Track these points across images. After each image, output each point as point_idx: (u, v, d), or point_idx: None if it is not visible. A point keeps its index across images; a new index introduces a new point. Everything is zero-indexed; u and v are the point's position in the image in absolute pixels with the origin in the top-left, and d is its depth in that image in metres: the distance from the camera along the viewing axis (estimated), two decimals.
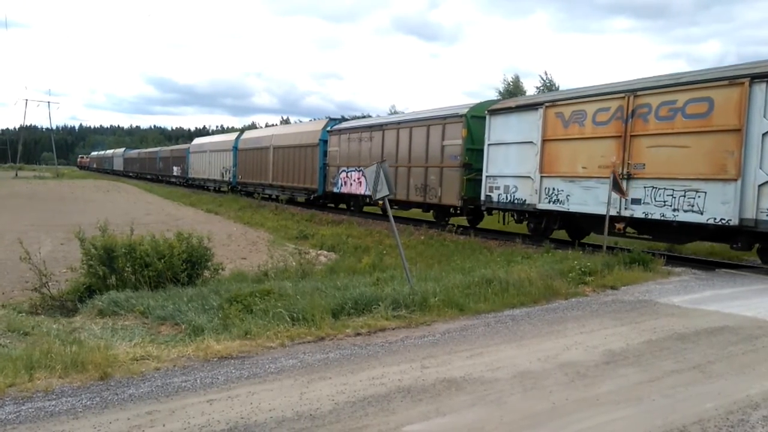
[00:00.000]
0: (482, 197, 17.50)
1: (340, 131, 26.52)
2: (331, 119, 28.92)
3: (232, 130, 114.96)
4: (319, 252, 18.24)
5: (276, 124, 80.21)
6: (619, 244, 13.90)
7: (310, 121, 39.84)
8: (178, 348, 5.96)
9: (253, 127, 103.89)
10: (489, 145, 17.23)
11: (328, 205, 29.15)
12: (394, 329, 6.84)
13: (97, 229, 11.78)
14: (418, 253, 16.47)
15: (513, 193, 16.34)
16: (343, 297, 7.80)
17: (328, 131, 27.57)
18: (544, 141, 15.30)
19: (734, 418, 4.36)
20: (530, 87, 49.16)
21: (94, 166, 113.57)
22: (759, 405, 4.62)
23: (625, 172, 13.17)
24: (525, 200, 15.95)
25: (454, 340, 6.41)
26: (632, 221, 13.40)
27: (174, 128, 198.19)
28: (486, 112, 17.45)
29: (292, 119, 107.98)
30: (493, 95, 48.54)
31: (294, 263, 13.38)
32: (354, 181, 24.86)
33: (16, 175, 78.00)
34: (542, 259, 12.32)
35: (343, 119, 29.22)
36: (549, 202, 15.21)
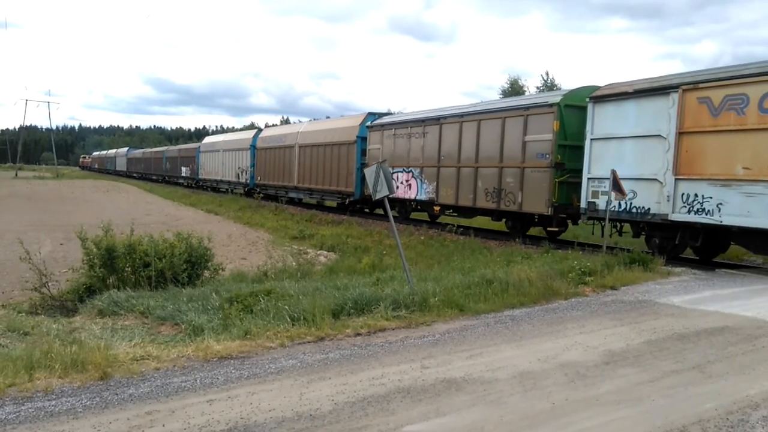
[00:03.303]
0: (583, 204, 14.25)
1: (383, 126, 23.10)
2: (370, 113, 25.60)
3: (232, 130, 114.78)
4: (318, 252, 18.26)
5: (276, 124, 79.73)
6: (619, 244, 13.77)
7: (304, 120, 38.56)
8: (178, 348, 5.97)
9: (252, 127, 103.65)
10: (592, 139, 14.09)
11: (365, 210, 26.17)
12: (394, 329, 6.84)
13: (99, 228, 11.78)
14: (418, 254, 16.47)
15: (630, 199, 13.17)
16: (343, 297, 7.81)
17: (367, 127, 24.24)
18: (679, 134, 12.12)
19: (734, 418, 4.36)
20: (529, 87, 49.09)
21: (96, 166, 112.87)
22: (759, 405, 4.62)
23: None
24: (649, 209, 12.72)
25: (454, 341, 6.42)
26: None
27: (174, 128, 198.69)
28: (588, 99, 14.28)
29: (291, 119, 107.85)
30: (493, 96, 48.46)
31: (294, 263, 13.39)
32: (401, 183, 21.39)
33: (16, 175, 78.01)
34: (542, 259, 12.33)
35: (384, 114, 26.10)
36: (688, 212, 11.94)
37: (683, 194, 12.09)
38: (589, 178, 14.19)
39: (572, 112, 15.20)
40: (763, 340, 6.56)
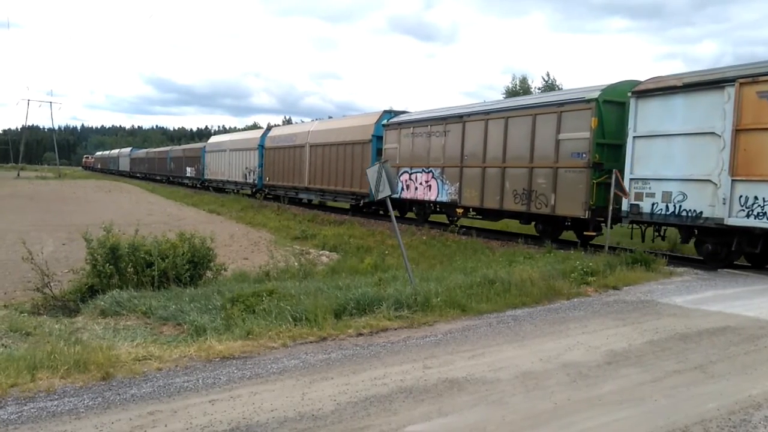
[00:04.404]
0: (624, 207, 13.32)
1: (401, 125, 22.09)
2: (386, 111, 24.75)
3: (234, 130, 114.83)
4: (321, 252, 18.28)
5: (279, 124, 79.32)
6: (621, 244, 13.67)
7: (306, 120, 37.86)
8: (181, 348, 5.97)
9: (255, 127, 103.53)
10: (635, 137, 13.12)
11: (380, 212, 24.93)
12: (396, 329, 6.84)
13: (101, 229, 11.78)
14: (420, 254, 16.48)
15: (678, 202, 12.20)
16: (345, 297, 7.81)
17: (383, 125, 23.22)
18: (736, 131, 11.18)
19: (736, 419, 4.35)
20: (532, 88, 49.00)
21: (99, 166, 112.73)
22: (761, 405, 4.62)
23: None
24: (701, 212, 11.79)
25: (456, 341, 6.42)
26: None
27: (176, 128, 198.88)
28: (630, 94, 13.31)
29: (294, 119, 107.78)
30: (494, 96, 48.27)
31: (296, 263, 13.39)
32: (420, 184, 20.70)
33: (18, 175, 78.12)
34: (544, 259, 12.33)
35: (401, 112, 25.01)
36: (747, 216, 11.06)
37: (741, 197, 11.19)
38: (631, 179, 13.26)
39: (611, 108, 14.34)
40: (765, 340, 6.55)
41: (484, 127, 17.82)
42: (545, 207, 15.58)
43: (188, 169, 52.99)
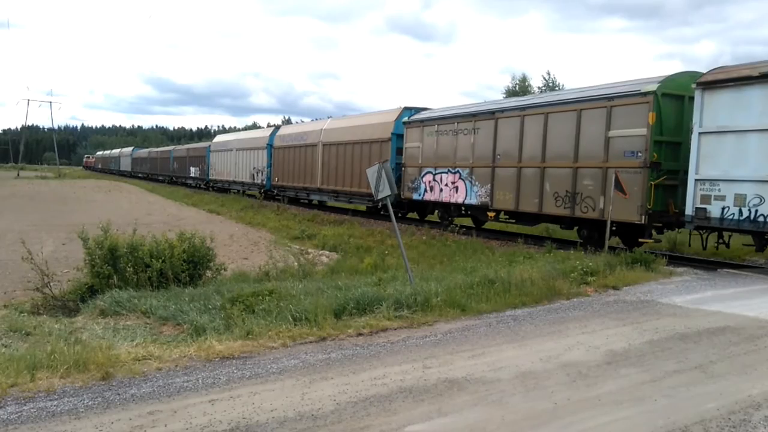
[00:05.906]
0: (688, 211, 11.99)
1: (424, 122, 20.63)
2: (406, 108, 23.16)
3: (233, 129, 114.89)
4: (320, 252, 18.26)
5: (279, 124, 79.07)
6: (621, 244, 13.63)
7: (306, 120, 37.61)
8: (180, 348, 5.97)
9: (254, 126, 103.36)
10: (701, 134, 11.81)
11: (398, 214, 22.35)
12: (396, 329, 6.85)
13: (100, 229, 11.78)
14: (420, 254, 16.47)
15: (754, 206, 10.99)
16: (345, 297, 7.80)
17: (404, 123, 21.85)
18: None
19: (736, 419, 4.35)
20: (532, 87, 48.94)
21: (100, 166, 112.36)
22: (761, 405, 4.62)
23: None
24: None
25: (456, 341, 6.42)
26: None
27: (176, 128, 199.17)
28: (695, 85, 11.98)
29: (293, 119, 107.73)
30: (492, 95, 48.10)
31: (295, 263, 13.39)
32: (446, 185, 19.32)
33: (18, 175, 78.12)
34: (544, 259, 12.32)
35: (423, 108, 23.41)
36: None
37: None
38: (697, 180, 11.88)
39: (669, 101, 12.95)
40: (765, 339, 6.55)
41: (519, 124, 16.36)
42: (592, 211, 14.16)
43: (192, 169, 51.93)
